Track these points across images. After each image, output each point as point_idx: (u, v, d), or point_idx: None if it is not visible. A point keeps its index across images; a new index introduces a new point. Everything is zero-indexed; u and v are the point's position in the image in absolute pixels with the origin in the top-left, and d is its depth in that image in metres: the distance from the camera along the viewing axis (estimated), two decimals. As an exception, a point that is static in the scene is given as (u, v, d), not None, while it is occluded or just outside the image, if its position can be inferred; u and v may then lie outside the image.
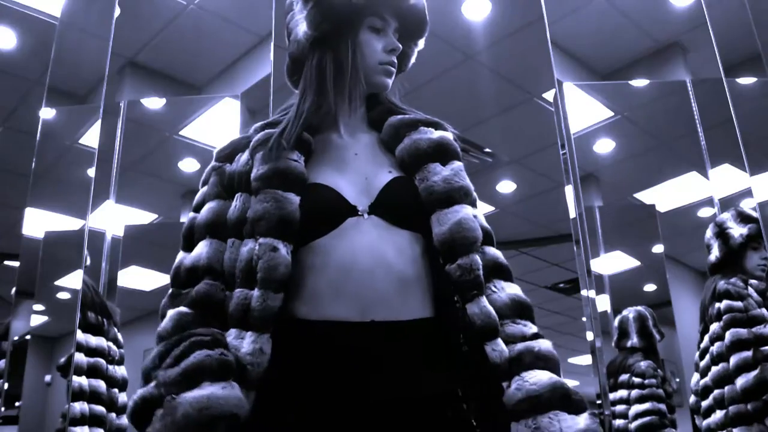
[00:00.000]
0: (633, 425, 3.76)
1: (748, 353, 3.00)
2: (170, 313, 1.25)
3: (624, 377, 3.93)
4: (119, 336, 3.44)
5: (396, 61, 1.45)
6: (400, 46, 1.45)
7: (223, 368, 1.13)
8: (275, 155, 1.30)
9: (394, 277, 1.25)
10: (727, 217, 3.38)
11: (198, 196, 1.38)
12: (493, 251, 1.38)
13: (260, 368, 1.17)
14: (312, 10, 1.39)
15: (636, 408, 3.79)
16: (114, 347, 3.33)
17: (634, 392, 3.84)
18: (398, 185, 1.35)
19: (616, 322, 4.08)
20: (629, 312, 4.09)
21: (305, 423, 1.17)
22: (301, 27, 1.41)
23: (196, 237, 1.33)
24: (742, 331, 3.02)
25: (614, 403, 3.89)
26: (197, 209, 1.36)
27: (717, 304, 3.15)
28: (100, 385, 3.19)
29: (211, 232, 1.31)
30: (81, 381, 3.12)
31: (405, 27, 1.47)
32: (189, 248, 1.33)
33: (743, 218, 3.33)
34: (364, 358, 1.20)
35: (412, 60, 1.55)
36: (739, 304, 3.07)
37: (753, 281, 3.15)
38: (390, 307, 1.24)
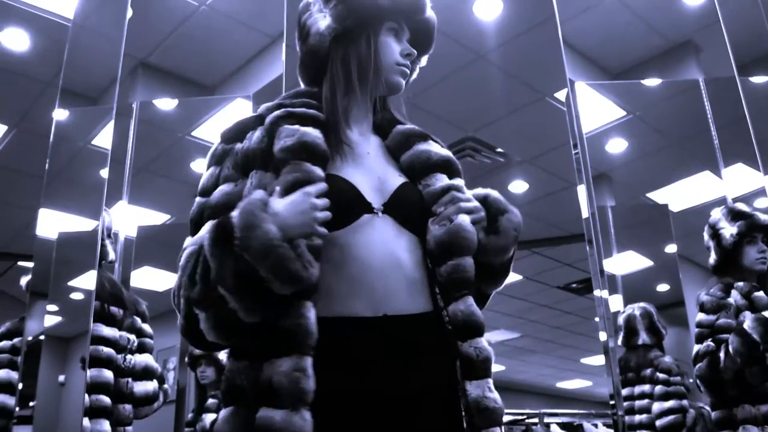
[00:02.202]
0: (658, 423, 3.76)
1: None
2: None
3: (647, 372, 3.92)
4: (144, 326, 3.43)
5: (410, 65, 1.50)
6: (415, 51, 1.50)
7: None
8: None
9: (404, 276, 1.30)
10: (718, 216, 3.33)
11: (206, 179, 1.34)
12: None
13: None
14: (339, 5, 1.42)
15: (660, 405, 3.79)
16: (131, 336, 3.32)
17: (659, 388, 3.83)
18: (408, 189, 1.40)
19: (621, 320, 4.07)
20: (634, 309, 4.09)
21: (327, 418, 1.17)
22: (323, 22, 1.44)
23: (207, 218, 1.26)
24: (701, 347, 3.06)
25: (635, 397, 3.89)
26: (206, 193, 1.32)
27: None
28: (106, 375, 3.17)
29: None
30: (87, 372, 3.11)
31: (415, 39, 1.52)
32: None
33: (734, 216, 3.28)
34: (377, 352, 1.23)
35: (414, 75, 1.58)
36: (709, 318, 3.09)
37: (739, 284, 3.12)
38: (399, 302, 1.28)
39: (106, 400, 3.10)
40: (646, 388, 3.88)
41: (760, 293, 3.07)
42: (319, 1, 1.47)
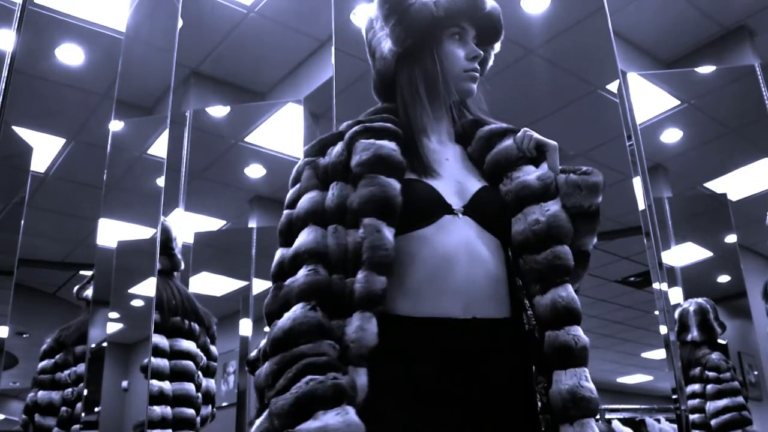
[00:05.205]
0: (714, 422, 3.70)
1: None
2: (288, 317, 1.20)
3: (695, 371, 3.87)
4: (212, 347, 3.49)
5: (478, 67, 1.49)
6: (481, 52, 1.49)
7: (336, 394, 1.12)
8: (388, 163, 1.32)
9: (490, 276, 1.31)
10: None
11: (291, 193, 1.37)
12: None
13: (363, 344, 1.17)
14: (396, 27, 1.43)
15: (715, 404, 3.73)
16: (202, 354, 3.39)
17: (710, 387, 3.79)
18: (488, 192, 1.40)
19: (676, 315, 4.01)
20: (690, 304, 4.05)
21: (416, 423, 1.19)
22: (386, 44, 1.46)
23: (296, 228, 1.30)
24: None
25: (687, 397, 3.83)
26: (292, 205, 1.34)
27: None
28: (188, 388, 3.24)
29: (313, 220, 1.29)
30: (162, 385, 3.18)
31: (481, 33, 1.52)
32: (288, 243, 1.30)
33: None
34: (468, 357, 1.24)
35: (490, 63, 1.60)
36: None
37: None
38: (487, 304, 1.29)
39: (188, 411, 3.18)
40: (697, 387, 3.83)
41: None
42: (379, 19, 1.48)
